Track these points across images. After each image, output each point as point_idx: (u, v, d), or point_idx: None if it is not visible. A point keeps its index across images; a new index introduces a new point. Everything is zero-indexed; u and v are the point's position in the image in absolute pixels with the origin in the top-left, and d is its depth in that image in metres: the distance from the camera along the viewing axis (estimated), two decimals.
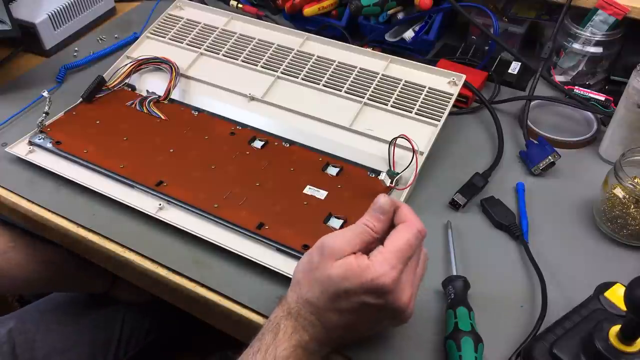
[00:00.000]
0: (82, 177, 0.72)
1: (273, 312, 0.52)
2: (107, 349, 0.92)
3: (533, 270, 0.63)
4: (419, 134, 0.73)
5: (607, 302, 0.54)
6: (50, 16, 0.97)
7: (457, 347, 0.53)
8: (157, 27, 0.94)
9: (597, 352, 0.47)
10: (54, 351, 0.86)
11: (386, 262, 0.48)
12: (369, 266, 0.48)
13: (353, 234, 0.51)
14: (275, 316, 0.52)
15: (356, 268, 0.48)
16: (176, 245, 0.66)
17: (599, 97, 0.84)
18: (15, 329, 0.86)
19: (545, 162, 0.74)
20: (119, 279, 0.96)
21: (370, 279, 0.47)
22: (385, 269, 0.48)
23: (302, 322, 0.50)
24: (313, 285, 0.50)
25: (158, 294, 0.70)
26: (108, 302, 0.98)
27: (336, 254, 0.49)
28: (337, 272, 0.48)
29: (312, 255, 0.51)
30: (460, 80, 0.79)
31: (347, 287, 0.48)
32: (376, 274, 0.47)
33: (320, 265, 0.50)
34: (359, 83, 0.81)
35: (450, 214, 0.71)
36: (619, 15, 0.83)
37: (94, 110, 0.82)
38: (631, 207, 0.64)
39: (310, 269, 0.51)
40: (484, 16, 0.91)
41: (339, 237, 0.50)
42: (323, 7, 0.97)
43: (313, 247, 0.52)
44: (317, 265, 0.50)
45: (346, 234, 0.51)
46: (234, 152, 0.75)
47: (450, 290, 0.59)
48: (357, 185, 0.70)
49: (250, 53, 0.87)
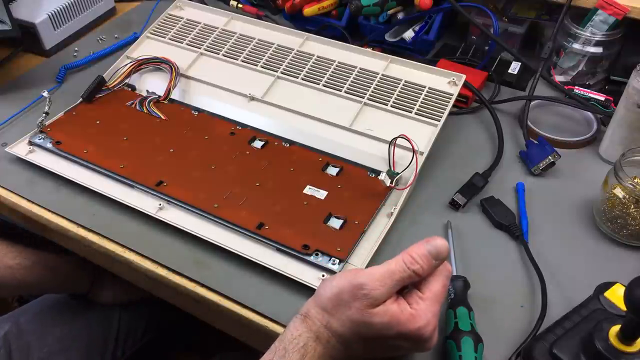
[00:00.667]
0: (82, 177, 0.72)
1: (295, 328, 0.50)
2: (104, 349, 0.91)
3: (533, 270, 0.63)
4: (419, 134, 0.73)
5: (607, 302, 0.54)
6: (50, 16, 0.97)
7: (457, 347, 0.53)
8: (157, 27, 0.94)
9: (597, 352, 0.47)
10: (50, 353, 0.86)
11: (429, 310, 0.48)
12: (413, 315, 0.47)
13: (395, 279, 0.48)
14: (300, 334, 0.49)
15: (400, 317, 0.47)
16: (176, 245, 0.66)
17: (599, 97, 0.84)
18: (10, 332, 0.85)
19: (545, 162, 0.74)
20: (98, 280, 0.95)
21: (417, 328, 0.47)
22: (428, 318, 0.47)
23: (330, 350, 0.49)
24: (345, 323, 0.48)
25: (158, 294, 0.70)
26: None
27: (373, 303, 0.47)
28: (379, 321, 0.47)
29: (342, 289, 0.48)
30: (460, 80, 0.79)
31: (387, 334, 0.48)
32: (421, 323, 0.47)
33: (354, 307, 0.47)
34: (359, 83, 0.81)
35: (450, 214, 0.71)
36: (619, 15, 0.83)
37: (94, 110, 0.82)
38: (631, 207, 0.64)
39: (340, 304, 0.48)
40: (484, 16, 0.91)
41: (377, 282, 0.47)
42: (323, 7, 0.97)
43: (343, 279, 0.49)
44: (348, 304, 0.48)
45: (386, 280, 0.47)
46: (234, 152, 0.75)
47: (450, 290, 0.59)
48: (357, 185, 0.70)
49: (250, 53, 0.87)
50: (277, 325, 0.59)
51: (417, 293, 0.49)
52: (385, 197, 0.69)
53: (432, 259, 0.49)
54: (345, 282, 0.48)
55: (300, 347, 0.48)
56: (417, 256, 0.48)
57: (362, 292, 0.47)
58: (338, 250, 0.62)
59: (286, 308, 0.59)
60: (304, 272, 0.61)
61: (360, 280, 0.48)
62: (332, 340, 0.49)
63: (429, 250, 0.49)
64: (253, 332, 0.61)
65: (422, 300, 0.48)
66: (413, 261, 0.48)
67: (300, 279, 0.60)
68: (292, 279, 0.61)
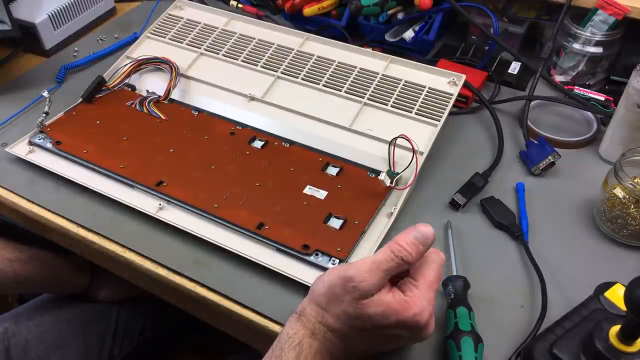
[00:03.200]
0: (82, 177, 0.72)
1: (290, 327, 0.50)
2: (102, 346, 0.91)
3: (533, 270, 0.63)
4: (419, 134, 0.73)
5: (607, 302, 0.54)
6: (50, 16, 0.97)
7: (457, 347, 0.53)
8: (157, 27, 0.94)
9: (597, 352, 0.47)
10: (48, 350, 0.86)
11: (423, 297, 0.48)
12: (408, 303, 0.47)
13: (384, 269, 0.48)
14: (295, 333, 0.49)
15: (395, 305, 0.47)
16: (176, 245, 0.66)
17: (599, 97, 0.84)
18: (9, 329, 0.86)
19: (545, 162, 0.74)
20: (96, 278, 0.95)
21: (412, 315, 0.47)
22: (423, 305, 0.47)
23: (326, 345, 0.49)
24: (340, 317, 0.48)
25: (158, 294, 0.70)
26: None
27: (364, 295, 0.47)
28: (374, 312, 0.47)
29: (333, 284, 0.48)
30: (460, 80, 0.79)
31: (383, 324, 0.47)
32: (416, 309, 0.47)
33: (347, 300, 0.47)
34: (359, 83, 0.81)
35: (450, 214, 0.71)
36: (619, 15, 0.83)
37: (94, 110, 0.82)
38: (631, 207, 0.64)
39: (333, 298, 0.48)
40: (484, 16, 0.91)
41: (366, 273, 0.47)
42: (323, 7, 0.97)
43: (333, 274, 0.49)
44: (340, 298, 0.48)
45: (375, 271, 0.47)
46: (234, 152, 0.75)
47: (450, 290, 0.59)
48: (357, 185, 0.70)
49: (250, 53, 0.87)
50: (277, 325, 0.59)
51: (410, 281, 0.49)
52: (385, 197, 0.69)
53: (419, 245, 0.49)
54: (335, 277, 0.49)
55: (296, 345, 0.48)
56: (404, 243, 0.49)
57: (352, 285, 0.47)
58: (338, 250, 0.62)
59: (286, 308, 0.59)
60: (304, 272, 0.61)
61: (349, 273, 0.48)
62: (328, 335, 0.49)
63: (416, 236, 0.49)
64: (253, 332, 0.61)
65: (416, 287, 0.48)
66: (400, 249, 0.48)
67: (300, 279, 0.60)
68: (292, 279, 0.61)
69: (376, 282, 0.47)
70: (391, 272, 0.48)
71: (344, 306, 0.48)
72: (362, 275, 0.47)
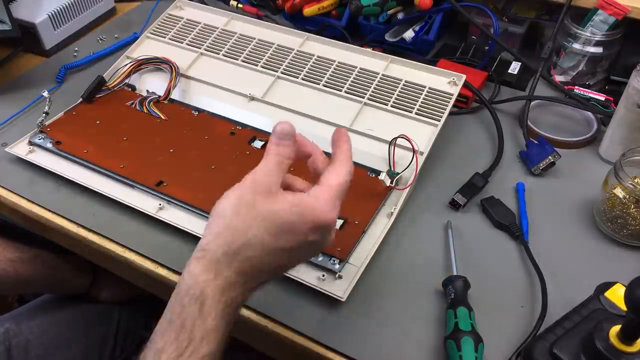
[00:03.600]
0: (82, 177, 0.72)
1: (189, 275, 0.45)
2: (103, 347, 0.91)
3: (533, 270, 0.63)
4: (419, 134, 0.73)
5: (607, 302, 0.54)
6: (50, 16, 0.97)
7: (457, 347, 0.53)
8: (157, 27, 0.94)
9: (598, 352, 0.47)
10: (49, 351, 0.86)
11: (331, 198, 0.48)
12: (317, 200, 0.47)
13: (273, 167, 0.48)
14: (195, 282, 0.44)
15: (306, 202, 0.46)
16: (176, 245, 0.66)
17: (599, 97, 0.84)
18: (10, 329, 0.85)
19: (545, 162, 0.74)
20: (98, 279, 0.95)
21: (319, 214, 0.46)
22: (330, 206, 0.47)
23: (233, 277, 0.45)
24: (253, 223, 0.45)
25: (158, 294, 0.70)
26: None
27: (272, 189, 0.47)
28: (282, 206, 0.46)
29: (242, 194, 0.47)
30: (460, 80, 0.79)
31: (294, 220, 0.46)
32: (324, 208, 0.47)
33: (259, 202, 0.46)
34: (359, 83, 0.81)
35: (450, 214, 0.71)
36: (619, 15, 0.83)
37: (94, 110, 0.82)
38: (631, 207, 0.64)
39: (246, 205, 0.46)
40: (484, 16, 0.91)
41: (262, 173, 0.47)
42: (323, 7, 0.97)
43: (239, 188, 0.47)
44: (253, 202, 0.46)
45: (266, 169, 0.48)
46: (234, 152, 0.75)
47: (451, 290, 0.59)
48: (357, 185, 0.70)
49: (250, 53, 0.87)
50: (277, 325, 0.59)
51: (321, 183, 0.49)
52: (385, 197, 0.69)
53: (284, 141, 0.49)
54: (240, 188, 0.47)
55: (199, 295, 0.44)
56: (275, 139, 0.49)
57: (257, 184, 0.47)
58: (338, 250, 0.62)
59: (286, 308, 0.59)
60: (303, 272, 0.61)
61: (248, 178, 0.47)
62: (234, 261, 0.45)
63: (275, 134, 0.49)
64: (253, 332, 0.61)
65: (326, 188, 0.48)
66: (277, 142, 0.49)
67: (300, 279, 0.60)
68: (292, 279, 0.61)
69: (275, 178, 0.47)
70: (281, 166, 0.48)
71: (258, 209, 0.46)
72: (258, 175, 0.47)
